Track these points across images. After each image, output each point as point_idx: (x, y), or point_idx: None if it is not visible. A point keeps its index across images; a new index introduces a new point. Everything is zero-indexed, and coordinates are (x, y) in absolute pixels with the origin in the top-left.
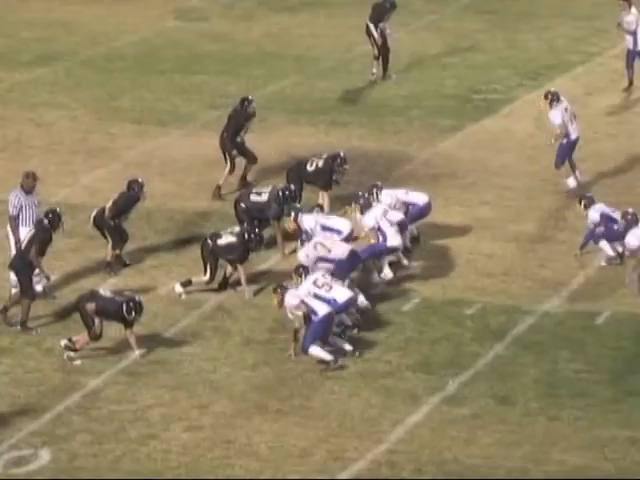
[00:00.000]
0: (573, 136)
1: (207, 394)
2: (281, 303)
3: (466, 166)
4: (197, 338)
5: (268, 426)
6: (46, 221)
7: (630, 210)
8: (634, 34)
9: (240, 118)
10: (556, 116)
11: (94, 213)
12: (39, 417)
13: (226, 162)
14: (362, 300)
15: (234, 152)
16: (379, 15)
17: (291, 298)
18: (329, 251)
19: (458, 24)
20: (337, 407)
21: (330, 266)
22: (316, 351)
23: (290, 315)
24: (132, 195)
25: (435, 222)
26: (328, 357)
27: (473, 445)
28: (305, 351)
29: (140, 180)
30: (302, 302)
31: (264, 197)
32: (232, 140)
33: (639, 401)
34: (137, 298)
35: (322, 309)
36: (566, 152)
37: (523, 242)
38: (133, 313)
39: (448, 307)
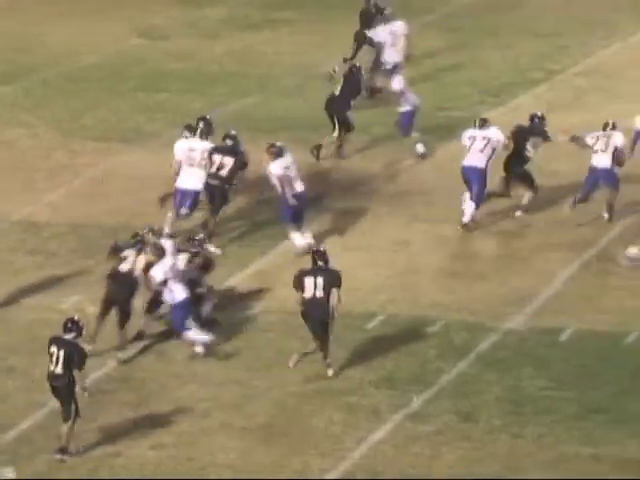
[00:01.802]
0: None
1: (171, 412)
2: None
3: (430, 183)
4: (161, 355)
5: (232, 444)
6: None
7: None
8: None
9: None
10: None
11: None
12: (2, 436)
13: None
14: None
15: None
16: (368, 22)
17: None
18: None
19: (421, 42)
20: (300, 424)
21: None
22: (192, 336)
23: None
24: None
25: (399, 239)
26: (200, 349)
27: (437, 462)
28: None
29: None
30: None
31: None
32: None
33: (603, 418)
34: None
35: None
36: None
37: (486, 259)
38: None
39: (412, 324)
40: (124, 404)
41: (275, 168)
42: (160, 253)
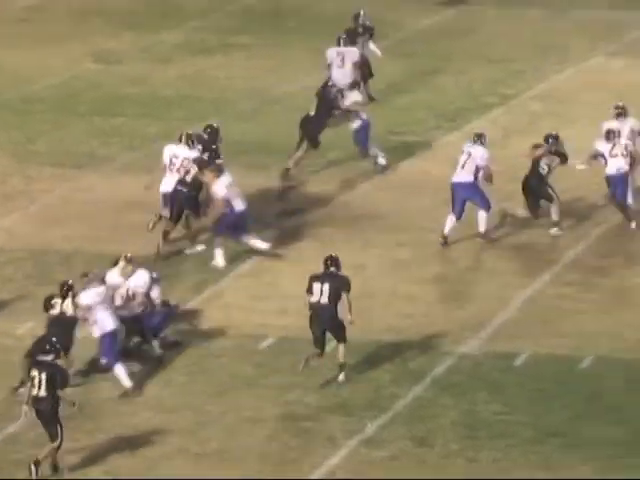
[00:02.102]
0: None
1: (126, 438)
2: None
3: (385, 208)
4: (116, 382)
5: (188, 469)
6: None
7: None
8: None
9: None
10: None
11: None
12: None
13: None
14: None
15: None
16: (352, 39)
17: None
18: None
19: (377, 67)
20: (256, 450)
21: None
22: (120, 371)
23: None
24: None
25: (355, 263)
26: (127, 383)
27: None
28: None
29: None
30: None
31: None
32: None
33: (558, 442)
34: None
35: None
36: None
37: (442, 283)
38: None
39: (367, 349)
40: (79, 430)
41: (219, 188)
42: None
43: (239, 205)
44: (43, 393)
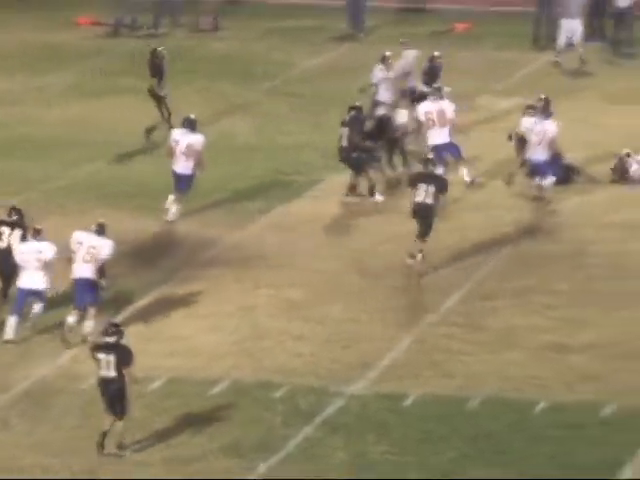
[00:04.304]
0: None
1: None
2: None
3: (275, 248)
4: (4, 424)
5: None
6: None
7: None
8: None
9: None
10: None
11: None
12: None
13: None
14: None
15: None
16: None
17: None
18: None
19: (265, 106)
20: None
21: None
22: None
23: None
24: None
25: (244, 304)
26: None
27: None
28: None
29: None
30: None
31: None
32: None
33: None
34: None
35: None
36: None
37: (331, 323)
38: None
39: (257, 389)
40: None
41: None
42: None
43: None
44: (113, 373)
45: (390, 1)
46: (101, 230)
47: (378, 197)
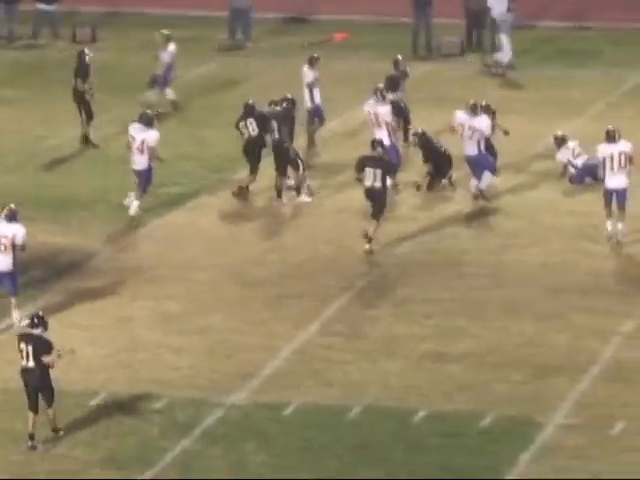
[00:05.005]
0: None
1: None
2: None
3: (151, 260)
4: None
5: None
6: None
7: None
8: None
9: None
10: None
11: None
12: None
13: None
14: None
15: None
16: (395, 86)
17: None
18: None
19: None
20: None
21: None
22: None
23: None
24: None
25: (122, 316)
26: None
27: None
28: None
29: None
30: None
31: None
32: None
33: None
34: None
35: None
36: None
37: (210, 334)
38: None
39: (135, 401)
40: None
41: None
42: None
43: None
44: (32, 364)
45: (270, 11)
46: (12, 216)
47: (305, 198)
